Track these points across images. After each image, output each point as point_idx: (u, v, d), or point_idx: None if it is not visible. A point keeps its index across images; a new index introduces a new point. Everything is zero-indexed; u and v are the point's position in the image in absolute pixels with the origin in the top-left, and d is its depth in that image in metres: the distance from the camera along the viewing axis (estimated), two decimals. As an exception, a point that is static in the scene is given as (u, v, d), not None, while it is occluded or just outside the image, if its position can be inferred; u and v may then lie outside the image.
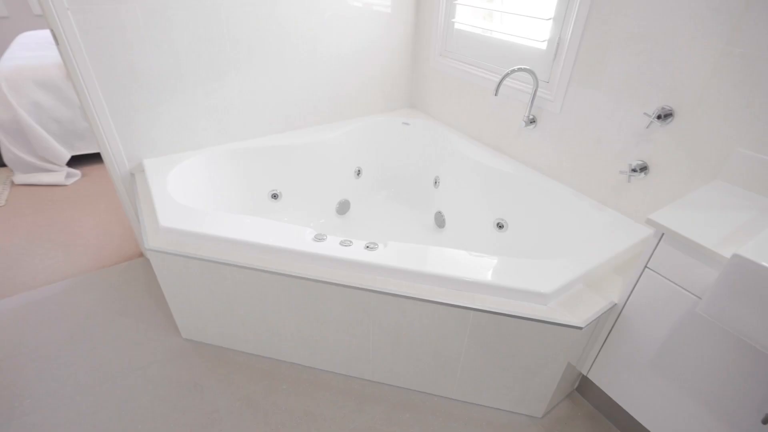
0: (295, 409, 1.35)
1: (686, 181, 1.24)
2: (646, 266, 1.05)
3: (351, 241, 1.27)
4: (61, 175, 2.54)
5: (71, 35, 1.35)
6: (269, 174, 1.93)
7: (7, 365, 1.45)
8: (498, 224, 1.78)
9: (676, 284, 0.99)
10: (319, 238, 1.28)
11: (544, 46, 1.51)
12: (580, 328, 1.07)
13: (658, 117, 1.22)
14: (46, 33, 3.12)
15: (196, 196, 1.65)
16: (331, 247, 1.24)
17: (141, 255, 2.00)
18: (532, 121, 1.63)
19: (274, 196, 1.98)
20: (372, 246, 1.25)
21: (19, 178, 2.50)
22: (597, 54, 1.36)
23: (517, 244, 1.70)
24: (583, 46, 1.39)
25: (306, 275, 1.21)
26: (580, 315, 1.10)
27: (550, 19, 1.46)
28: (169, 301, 1.45)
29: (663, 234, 0.98)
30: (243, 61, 1.70)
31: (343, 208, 2.12)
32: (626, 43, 1.27)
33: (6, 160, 2.49)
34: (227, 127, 1.81)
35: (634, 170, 1.32)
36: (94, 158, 2.85)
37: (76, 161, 2.78)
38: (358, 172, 2.17)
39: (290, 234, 1.29)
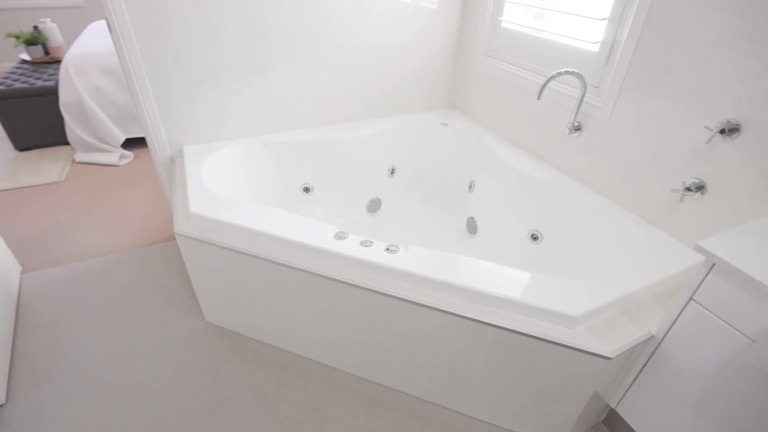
0: (305, 404, 1.34)
1: (749, 205, 1.10)
2: (691, 298, 0.93)
3: (371, 242, 1.24)
4: (116, 156, 2.70)
5: (123, 24, 1.41)
6: (303, 167, 1.94)
7: (48, 330, 1.56)
8: (532, 235, 1.69)
9: (725, 322, 0.87)
10: (340, 236, 1.26)
11: (596, 48, 1.40)
12: (609, 359, 0.98)
13: (721, 131, 1.09)
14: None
15: (230, 185, 1.69)
16: (350, 247, 1.22)
17: (178, 237, 2.08)
18: (577, 129, 1.52)
19: (306, 190, 1.99)
20: (392, 249, 1.22)
21: (79, 156, 2.69)
22: (655, 58, 1.23)
23: (551, 259, 1.60)
24: (640, 48, 1.27)
25: (324, 273, 1.19)
26: (611, 344, 1.01)
27: (605, 19, 1.34)
28: (194, 285, 1.50)
29: (714, 264, 0.87)
30: (284, 54, 1.71)
31: (374, 206, 2.09)
32: (689, 47, 1.14)
33: (69, 139, 2.69)
34: (265, 119, 1.83)
35: (688, 189, 1.19)
36: (146, 142, 3.01)
37: (129, 144, 2.95)
38: (392, 171, 2.14)
39: (312, 230, 1.28)
